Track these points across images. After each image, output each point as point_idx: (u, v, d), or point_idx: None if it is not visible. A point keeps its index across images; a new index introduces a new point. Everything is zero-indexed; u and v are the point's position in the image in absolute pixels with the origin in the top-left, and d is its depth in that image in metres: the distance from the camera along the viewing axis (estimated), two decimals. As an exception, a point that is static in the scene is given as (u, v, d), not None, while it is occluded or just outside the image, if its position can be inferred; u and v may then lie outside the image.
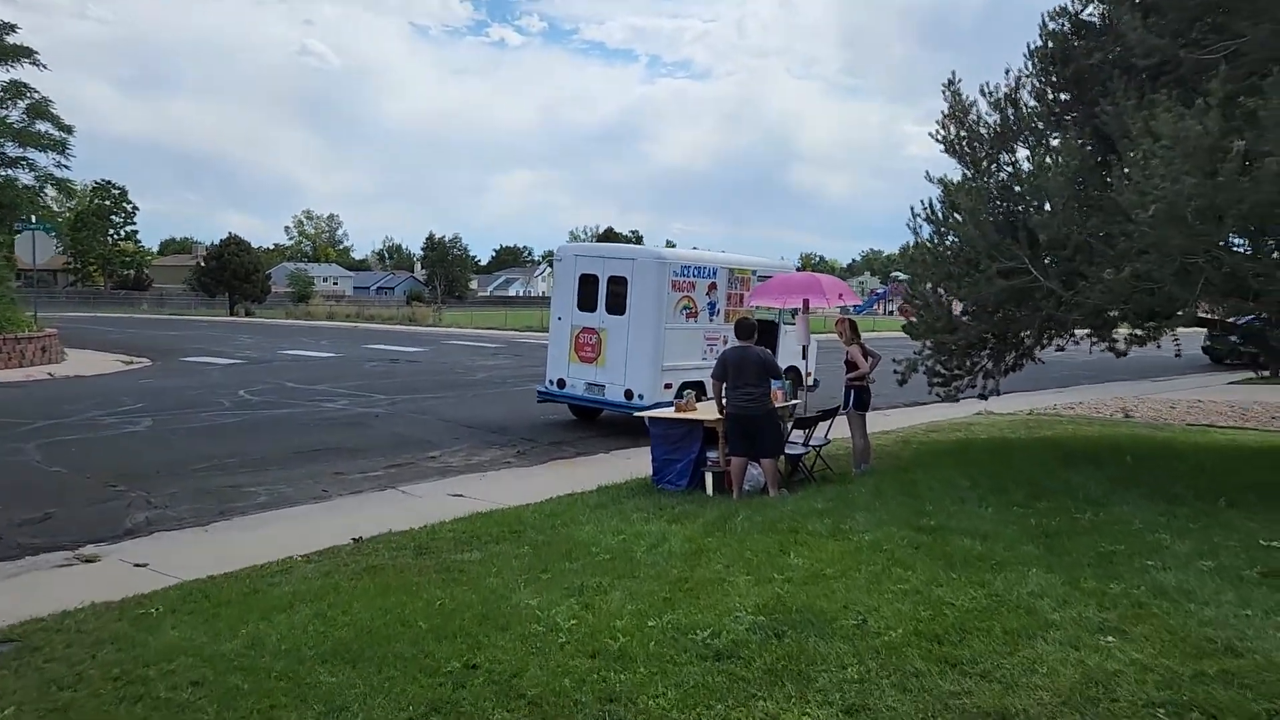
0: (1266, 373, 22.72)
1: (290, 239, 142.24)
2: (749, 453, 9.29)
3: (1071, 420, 14.78)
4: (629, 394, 13.80)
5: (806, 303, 10.96)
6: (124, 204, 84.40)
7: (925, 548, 6.40)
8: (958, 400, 10.42)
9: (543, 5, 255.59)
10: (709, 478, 9.57)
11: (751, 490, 9.49)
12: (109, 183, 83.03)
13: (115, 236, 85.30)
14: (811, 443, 9.97)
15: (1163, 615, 5.07)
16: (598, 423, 15.60)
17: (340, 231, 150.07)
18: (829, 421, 10.24)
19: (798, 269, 16.82)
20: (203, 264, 70.68)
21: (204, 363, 25.48)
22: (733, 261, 15.24)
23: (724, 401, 9.34)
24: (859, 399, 10.18)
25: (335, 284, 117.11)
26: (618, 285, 14.19)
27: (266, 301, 73.17)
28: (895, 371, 10.15)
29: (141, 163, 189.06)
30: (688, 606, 5.48)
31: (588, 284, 14.52)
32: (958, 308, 10.87)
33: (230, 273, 66.73)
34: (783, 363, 16.50)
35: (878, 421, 13.78)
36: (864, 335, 10.50)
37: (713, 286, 14.67)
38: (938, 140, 10.36)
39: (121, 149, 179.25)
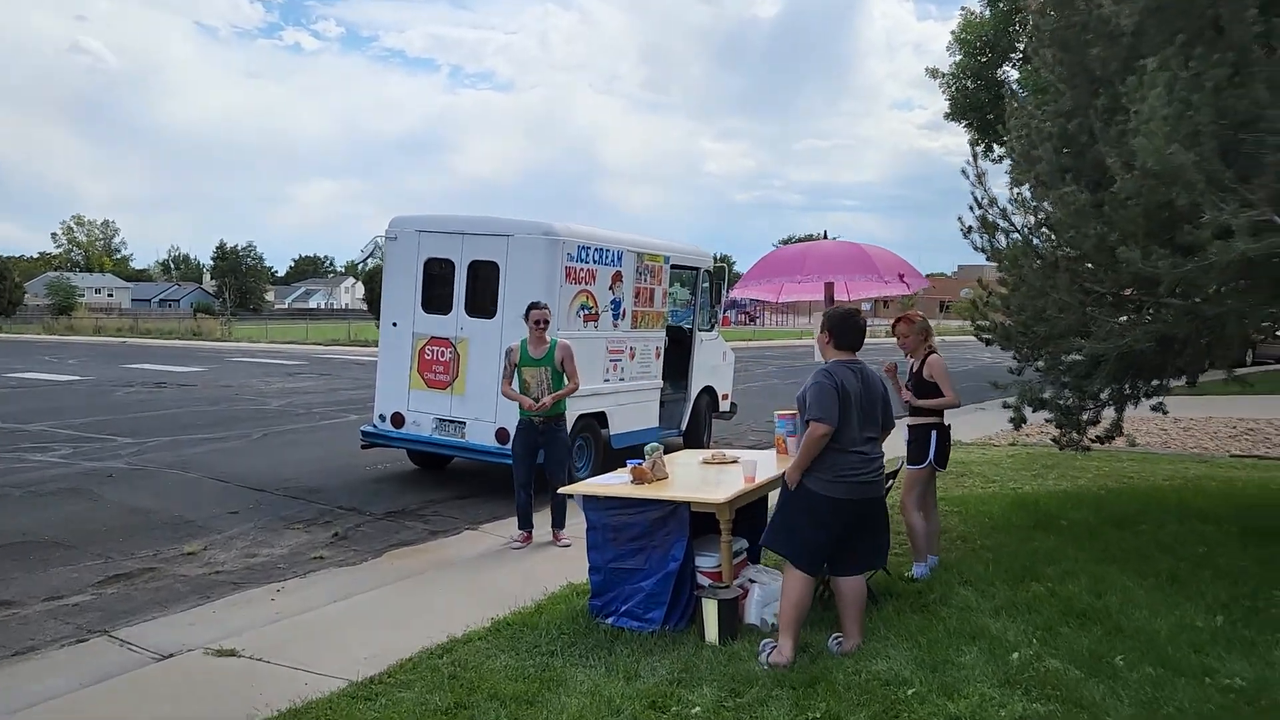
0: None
1: (59, 247, 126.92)
2: (839, 565, 4.97)
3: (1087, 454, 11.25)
4: (503, 435, 9.18)
5: (830, 291, 6.76)
6: None
7: None
8: (1089, 450, 6.53)
9: (340, 10, 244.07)
10: (709, 610, 5.18)
11: (773, 626, 5.24)
12: None
13: None
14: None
15: None
16: (448, 471, 10.92)
17: (117, 240, 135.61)
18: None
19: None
20: (-66, 271, 59.86)
21: (-115, 393, 18.76)
22: (641, 244, 10.92)
23: (811, 467, 4.81)
24: (941, 448, 6.08)
25: (110, 295, 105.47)
26: (485, 274, 9.55)
27: (19, 315, 62.89)
28: (1006, 405, 6.13)
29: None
30: None
31: (438, 272, 9.79)
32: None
33: (-32, 281, 56.64)
34: (696, 381, 12.42)
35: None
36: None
37: (618, 277, 10.30)
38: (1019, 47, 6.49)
39: None
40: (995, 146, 24.10)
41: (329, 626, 5.82)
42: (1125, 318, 5.75)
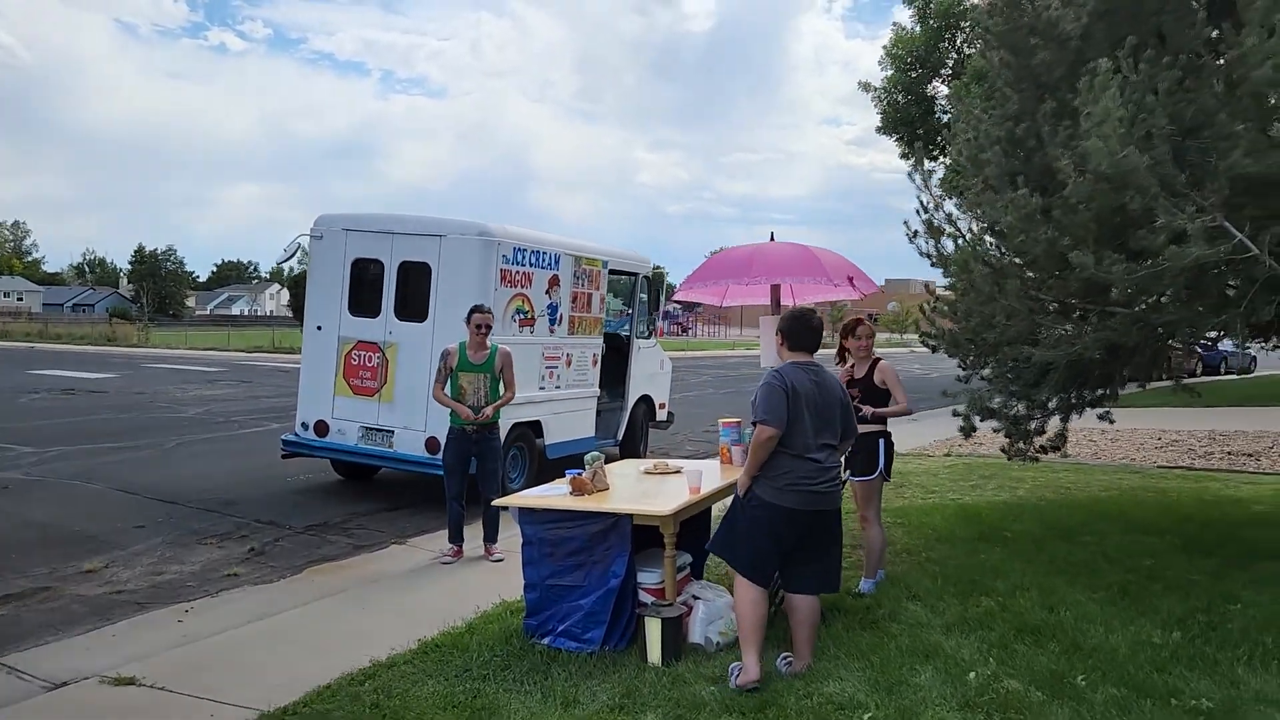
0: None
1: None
2: (794, 580, 4.72)
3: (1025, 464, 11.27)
4: (434, 444, 8.78)
5: (776, 294, 6.53)
6: None
7: None
8: (1038, 460, 6.41)
9: (267, 10, 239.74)
10: (652, 629, 4.89)
11: (719, 645, 5.00)
12: None
13: None
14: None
15: None
16: (374, 482, 10.46)
17: (29, 241, 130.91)
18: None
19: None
20: None
21: None
22: (579, 247, 10.61)
23: (762, 473, 4.57)
24: (888, 458, 5.91)
25: (20, 299, 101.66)
26: (416, 276, 9.15)
27: (-82, 319, 60.16)
28: (956, 413, 5.97)
29: None
30: None
31: (366, 273, 9.37)
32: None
33: None
34: (634, 389, 12.15)
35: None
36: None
37: (554, 281, 9.98)
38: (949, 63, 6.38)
39: None
40: (925, 161, 24.45)
41: (241, 650, 5.39)
42: (1071, 326, 5.63)
